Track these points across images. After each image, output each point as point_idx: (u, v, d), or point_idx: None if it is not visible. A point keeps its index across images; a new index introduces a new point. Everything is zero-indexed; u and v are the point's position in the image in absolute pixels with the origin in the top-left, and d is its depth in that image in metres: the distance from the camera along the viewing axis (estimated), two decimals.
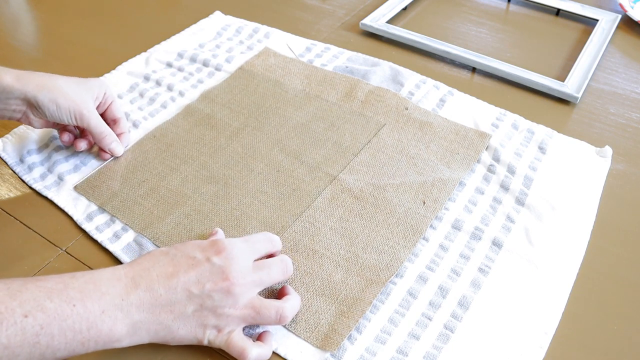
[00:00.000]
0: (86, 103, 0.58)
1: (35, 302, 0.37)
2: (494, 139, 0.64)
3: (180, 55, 0.78)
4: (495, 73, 0.75)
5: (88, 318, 0.38)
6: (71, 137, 0.62)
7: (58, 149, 0.62)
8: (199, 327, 0.42)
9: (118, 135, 0.62)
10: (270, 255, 0.49)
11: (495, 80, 0.76)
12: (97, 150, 0.62)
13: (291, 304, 0.45)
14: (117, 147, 0.61)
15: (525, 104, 0.71)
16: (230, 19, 0.87)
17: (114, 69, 0.75)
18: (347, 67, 0.76)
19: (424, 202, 0.56)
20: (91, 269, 0.51)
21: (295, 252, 0.52)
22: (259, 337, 0.45)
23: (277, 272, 0.46)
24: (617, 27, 0.86)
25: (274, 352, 0.45)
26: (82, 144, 0.61)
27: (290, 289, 0.48)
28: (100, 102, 0.61)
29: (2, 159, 0.62)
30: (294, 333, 0.46)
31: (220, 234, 0.51)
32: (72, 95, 0.56)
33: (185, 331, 0.42)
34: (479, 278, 0.50)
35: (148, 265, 0.42)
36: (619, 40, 0.84)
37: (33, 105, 0.56)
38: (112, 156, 0.61)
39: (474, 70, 0.77)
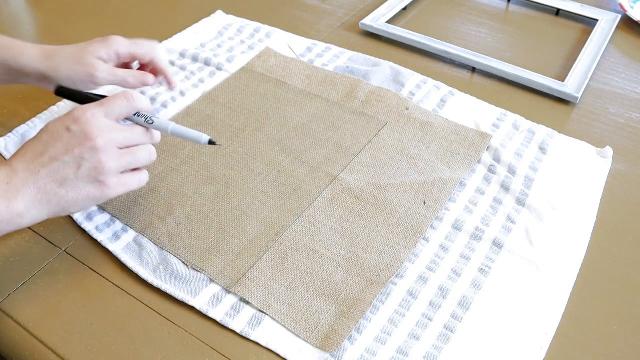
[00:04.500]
0: (91, 66, 0.58)
1: None
2: (495, 139, 0.64)
3: (182, 55, 0.78)
4: (495, 73, 0.75)
5: None
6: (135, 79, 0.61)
7: None
8: (88, 185, 0.46)
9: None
10: None
11: (495, 80, 0.76)
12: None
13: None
14: (144, 77, 0.60)
15: (525, 104, 0.71)
16: (231, 18, 0.87)
17: None
18: (347, 67, 0.76)
19: (425, 203, 0.57)
20: (91, 269, 0.51)
21: (295, 251, 0.52)
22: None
23: (144, 155, 0.49)
24: (617, 27, 0.86)
25: (274, 352, 0.45)
26: (149, 79, 0.61)
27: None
28: (120, 61, 0.61)
29: (4, 158, 0.62)
30: (294, 333, 0.46)
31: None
32: (74, 66, 0.58)
33: (75, 193, 0.46)
34: (480, 278, 0.50)
35: (22, 153, 0.46)
36: (619, 40, 0.84)
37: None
38: (147, 86, 0.61)
39: (474, 70, 0.77)
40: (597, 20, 0.86)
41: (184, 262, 0.51)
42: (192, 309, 0.48)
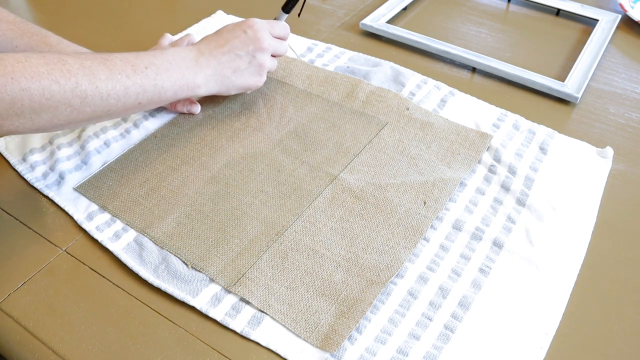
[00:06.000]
0: None
1: (148, 61, 0.55)
2: (495, 139, 0.64)
3: None
4: (495, 73, 0.75)
5: (179, 69, 0.57)
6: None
7: (60, 147, 0.62)
8: (251, 76, 0.63)
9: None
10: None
11: (495, 80, 0.76)
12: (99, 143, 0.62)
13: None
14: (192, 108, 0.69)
15: (525, 104, 0.71)
16: (232, 18, 0.87)
17: None
18: (348, 67, 0.76)
19: (425, 203, 0.57)
20: (91, 269, 0.51)
21: (295, 251, 0.52)
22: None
23: (285, 46, 0.66)
24: (617, 27, 0.86)
25: (274, 352, 0.45)
26: (195, 108, 0.68)
27: None
28: None
29: (4, 158, 0.62)
30: (294, 333, 0.46)
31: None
32: None
33: (241, 81, 0.62)
34: (480, 278, 0.50)
35: (206, 42, 0.61)
36: (619, 40, 0.85)
37: None
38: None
39: (474, 70, 0.77)
40: (597, 20, 0.86)
41: (184, 262, 0.51)
42: (192, 308, 0.48)
